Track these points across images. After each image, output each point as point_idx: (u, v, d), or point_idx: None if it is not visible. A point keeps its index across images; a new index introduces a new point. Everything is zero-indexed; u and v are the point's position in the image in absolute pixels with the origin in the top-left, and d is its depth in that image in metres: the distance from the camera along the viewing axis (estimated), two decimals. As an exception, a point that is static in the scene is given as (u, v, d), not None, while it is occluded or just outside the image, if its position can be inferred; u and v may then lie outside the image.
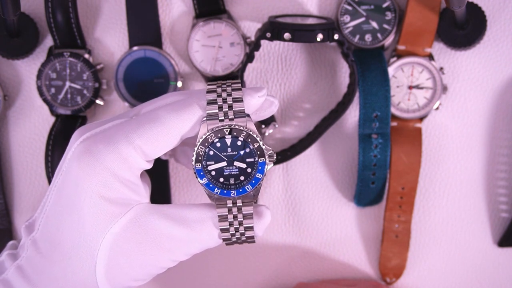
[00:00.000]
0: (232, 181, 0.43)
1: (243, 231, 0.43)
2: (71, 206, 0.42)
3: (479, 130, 0.59)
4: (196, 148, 0.42)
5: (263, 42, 0.54)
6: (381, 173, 0.57)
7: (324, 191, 0.61)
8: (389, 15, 0.56)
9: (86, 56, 0.56)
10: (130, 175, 0.42)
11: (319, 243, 0.61)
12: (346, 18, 0.56)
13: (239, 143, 0.42)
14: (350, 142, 0.60)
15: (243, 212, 0.43)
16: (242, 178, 0.43)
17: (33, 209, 0.61)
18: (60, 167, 0.44)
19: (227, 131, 0.42)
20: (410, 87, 0.57)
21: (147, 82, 0.57)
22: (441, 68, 0.57)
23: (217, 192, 0.43)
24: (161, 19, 0.57)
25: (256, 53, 0.57)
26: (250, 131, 0.42)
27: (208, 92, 0.43)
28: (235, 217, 0.43)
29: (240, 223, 0.43)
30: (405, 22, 0.56)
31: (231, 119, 0.42)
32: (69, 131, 0.56)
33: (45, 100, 0.57)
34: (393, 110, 0.57)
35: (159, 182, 0.60)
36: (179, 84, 0.57)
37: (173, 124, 0.42)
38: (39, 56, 0.58)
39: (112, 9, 0.58)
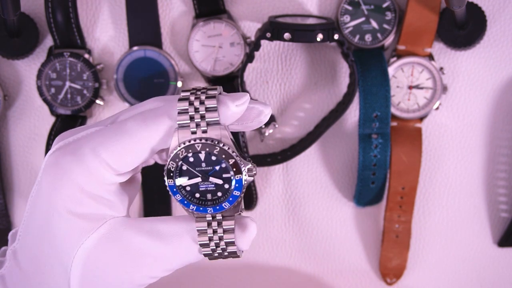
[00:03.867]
0: (209, 196, 0.40)
1: (224, 246, 0.40)
2: (43, 220, 0.40)
3: (479, 130, 0.59)
4: (167, 163, 0.39)
5: (263, 42, 0.54)
6: (381, 173, 0.57)
7: (324, 191, 0.61)
8: (389, 15, 0.56)
9: (86, 56, 0.56)
10: (99, 190, 0.40)
11: (319, 243, 0.61)
12: (346, 18, 0.56)
13: (213, 158, 0.39)
14: (350, 142, 0.60)
15: (224, 227, 0.40)
16: (219, 194, 0.40)
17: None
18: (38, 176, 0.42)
19: (198, 146, 0.38)
20: (410, 87, 0.57)
21: (147, 82, 0.57)
22: (441, 68, 0.57)
23: (192, 209, 0.40)
24: (161, 19, 0.57)
25: (256, 53, 0.57)
26: (224, 145, 0.38)
27: (179, 100, 0.39)
28: (214, 231, 0.40)
29: (221, 238, 0.40)
30: (405, 22, 0.56)
31: (203, 131, 0.38)
32: (69, 131, 0.56)
33: (45, 100, 0.57)
34: (393, 110, 0.57)
35: (158, 188, 0.60)
36: (179, 84, 0.57)
37: (141, 136, 0.39)
38: (39, 56, 0.58)
39: (112, 9, 0.58)
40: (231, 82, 0.57)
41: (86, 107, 0.57)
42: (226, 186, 0.39)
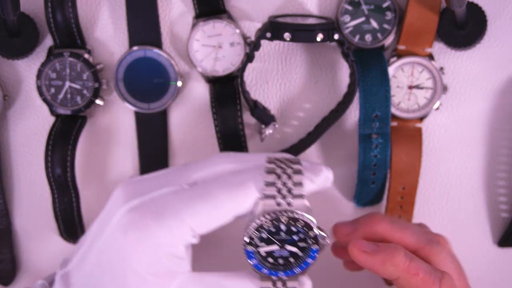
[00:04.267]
0: (281, 261, 0.42)
1: None
2: (115, 275, 0.41)
3: (479, 130, 0.59)
4: (249, 232, 0.41)
5: (263, 42, 0.54)
6: (381, 173, 0.57)
7: (324, 191, 0.60)
8: (389, 15, 0.56)
9: (86, 56, 0.56)
10: (178, 251, 0.41)
11: (319, 243, 0.61)
12: (346, 18, 0.56)
13: (294, 229, 0.41)
14: (350, 142, 0.60)
15: (288, 286, 0.43)
16: (291, 260, 0.42)
17: (33, 209, 0.61)
18: (102, 223, 0.43)
19: (284, 219, 0.41)
20: (410, 87, 0.57)
21: (147, 82, 0.57)
22: (441, 68, 0.57)
23: (265, 272, 0.42)
24: (161, 19, 0.57)
25: (256, 53, 0.57)
26: (307, 218, 0.41)
27: (267, 172, 0.41)
28: None
29: None
30: (405, 22, 0.56)
31: (288, 204, 0.40)
32: (69, 131, 0.56)
33: (45, 100, 0.57)
34: (393, 110, 0.57)
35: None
36: (179, 84, 0.57)
37: (228, 206, 0.41)
38: (39, 56, 0.58)
39: (112, 9, 0.58)
40: (231, 82, 0.57)
41: (86, 107, 0.57)
42: (300, 253, 0.42)
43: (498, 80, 0.58)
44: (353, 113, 0.59)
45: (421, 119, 0.58)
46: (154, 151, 0.59)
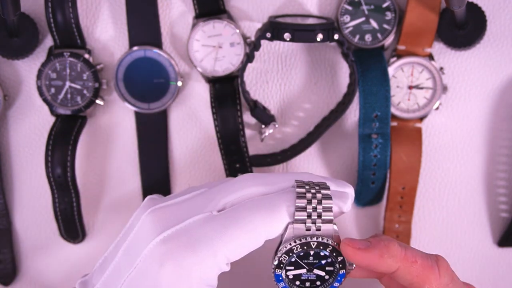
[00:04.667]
0: (307, 284, 0.43)
1: None
2: None
3: (479, 130, 0.59)
4: (279, 255, 0.42)
5: (263, 42, 0.54)
6: (381, 173, 0.57)
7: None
8: (389, 15, 0.56)
9: (86, 56, 0.56)
10: (211, 280, 0.42)
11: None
12: (346, 18, 0.56)
13: (322, 253, 0.42)
14: (350, 142, 0.60)
15: None
16: (318, 283, 0.43)
17: (33, 209, 0.61)
18: (130, 251, 0.43)
19: (314, 244, 0.41)
20: (410, 87, 0.57)
21: (147, 82, 0.57)
22: (441, 68, 0.57)
23: None
24: (161, 19, 0.57)
25: (256, 53, 0.57)
26: (337, 244, 0.42)
27: (298, 197, 0.41)
28: None
29: None
30: (405, 22, 0.56)
31: (318, 229, 0.41)
32: (69, 131, 0.56)
33: (45, 100, 0.57)
34: (393, 110, 0.57)
35: (157, 172, 0.60)
36: (179, 84, 0.57)
37: (260, 231, 0.41)
38: (39, 56, 0.58)
39: (112, 9, 0.58)
40: (231, 82, 0.57)
41: (86, 107, 0.57)
42: (327, 277, 0.43)
43: (498, 80, 0.58)
44: (353, 113, 0.59)
45: (421, 119, 0.58)
46: (154, 151, 0.59)
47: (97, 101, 0.57)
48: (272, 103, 0.59)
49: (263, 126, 0.58)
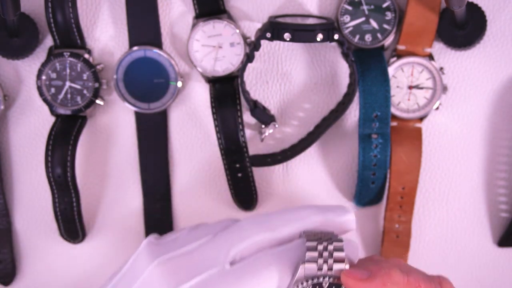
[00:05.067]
0: None
1: None
2: None
3: (479, 130, 0.59)
4: None
5: (263, 42, 0.54)
6: (381, 173, 0.57)
7: (324, 191, 0.61)
8: (389, 15, 0.56)
9: (86, 56, 0.56)
10: None
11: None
12: (346, 18, 0.56)
13: None
14: (350, 142, 0.60)
15: None
16: None
17: (33, 209, 0.61)
18: None
19: (325, 283, 0.41)
20: (410, 87, 0.57)
21: (147, 82, 0.57)
22: (441, 68, 0.57)
23: None
24: (161, 19, 0.57)
25: (256, 53, 0.57)
26: None
27: (308, 250, 0.42)
28: None
29: None
30: (405, 22, 0.56)
31: (330, 268, 0.41)
32: (69, 131, 0.56)
33: (45, 100, 0.57)
34: (393, 110, 0.57)
35: (159, 186, 0.60)
36: (179, 84, 0.57)
37: (271, 285, 0.42)
38: (39, 56, 0.58)
39: (112, 9, 0.58)
40: (231, 82, 0.57)
41: (86, 107, 0.57)
42: None
43: (498, 80, 0.58)
44: (353, 113, 0.59)
45: (421, 119, 0.58)
46: (154, 151, 0.59)
47: (97, 101, 0.57)
48: (272, 103, 0.59)
49: (263, 126, 0.58)
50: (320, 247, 0.41)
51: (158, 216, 0.60)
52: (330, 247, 0.41)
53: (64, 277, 0.62)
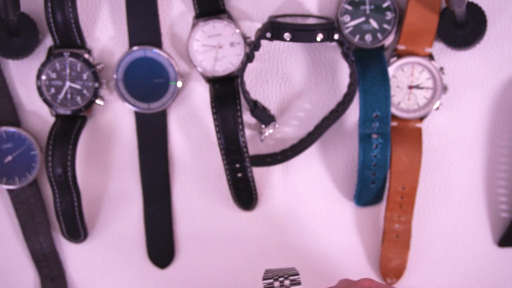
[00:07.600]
0: None
1: None
2: None
3: (479, 130, 0.59)
4: None
5: (263, 42, 0.54)
6: (381, 173, 0.57)
7: (324, 191, 0.61)
8: (389, 15, 0.56)
9: (86, 56, 0.57)
10: None
11: (319, 243, 0.61)
12: (346, 18, 0.56)
13: None
14: (350, 142, 0.60)
15: None
16: None
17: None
18: None
19: None
20: (410, 87, 0.57)
21: (147, 82, 0.57)
22: (441, 68, 0.57)
23: None
24: (161, 19, 0.57)
25: (256, 53, 0.57)
26: None
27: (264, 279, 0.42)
28: None
29: None
30: (405, 22, 0.56)
31: None
32: (69, 131, 0.56)
33: (45, 100, 0.57)
34: (393, 110, 0.57)
35: (159, 185, 0.60)
36: (179, 84, 0.57)
37: None
38: (39, 56, 0.58)
39: (112, 9, 0.58)
40: (231, 82, 0.57)
41: (86, 107, 0.57)
42: None
43: (498, 80, 0.58)
44: (353, 113, 0.59)
45: (421, 119, 0.58)
46: (154, 151, 0.59)
47: (97, 101, 0.57)
48: (272, 103, 0.59)
49: (263, 126, 0.58)
50: (277, 283, 0.42)
51: (158, 216, 0.60)
52: (287, 282, 0.42)
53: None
